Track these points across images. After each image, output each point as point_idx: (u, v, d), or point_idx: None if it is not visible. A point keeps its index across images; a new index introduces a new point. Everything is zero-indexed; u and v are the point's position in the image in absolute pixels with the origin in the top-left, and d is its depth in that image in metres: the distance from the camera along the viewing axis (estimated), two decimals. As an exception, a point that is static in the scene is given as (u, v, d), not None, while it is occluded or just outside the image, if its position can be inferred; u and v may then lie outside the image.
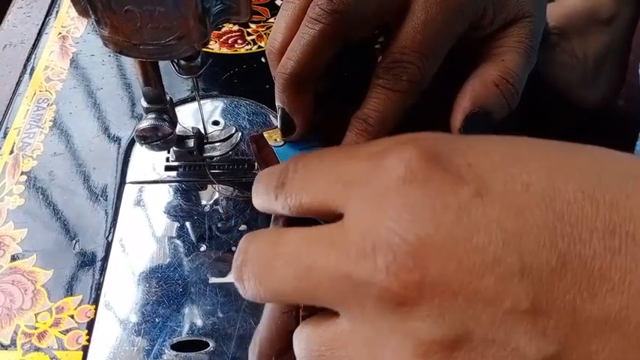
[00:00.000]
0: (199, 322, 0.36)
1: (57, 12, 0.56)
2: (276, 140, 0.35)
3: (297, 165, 0.25)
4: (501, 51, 0.35)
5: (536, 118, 0.76)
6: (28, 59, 0.52)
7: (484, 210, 0.19)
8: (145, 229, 0.41)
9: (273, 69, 0.35)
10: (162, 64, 0.36)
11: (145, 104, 0.38)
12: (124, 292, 0.37)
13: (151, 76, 0.36)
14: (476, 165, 0.20)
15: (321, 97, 0.36)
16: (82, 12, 0.32)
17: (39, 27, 0.55)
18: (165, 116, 0.38)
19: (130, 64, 0.50)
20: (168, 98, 0.38)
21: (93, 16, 0.30)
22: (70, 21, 0.55)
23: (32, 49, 0.53)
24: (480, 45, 0.37)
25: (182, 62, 0.36)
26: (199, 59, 0.36)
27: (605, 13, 0.77)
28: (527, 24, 0.35)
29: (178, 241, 0.40)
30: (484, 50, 0.36)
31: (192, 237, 0.40)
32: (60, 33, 0.54)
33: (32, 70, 0.51)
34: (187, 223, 0.41)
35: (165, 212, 0.42)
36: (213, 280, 0.38)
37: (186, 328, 0.36)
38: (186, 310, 0.36)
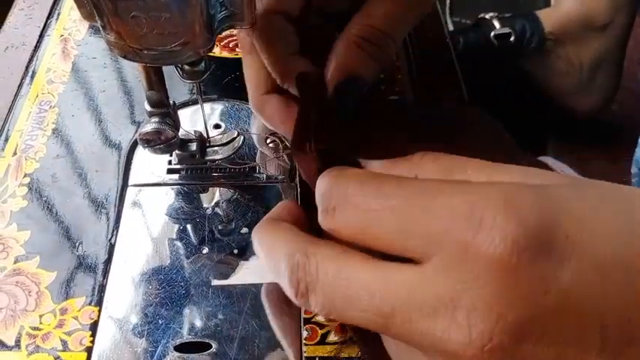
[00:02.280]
0: (202, 324, 0.36)
1: (58, 14, 0.57)
2: None
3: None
4: (372, 1, 0.33)
5: (531, 124, 0.77)
6: (30, 61, 0.52)
7: (585, 289, 0.20)
8: (147, 231, 0.41)
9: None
10: (164, 67, 0.37)
11: (148, 108, 0.38)
12: (127, 294, 0.38)
13: (155, 81, 0.36)
14: (572, 235, 0.21)
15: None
16: (88, 16, 0.33)
17: (40, 29, 0.55)
18: (168, 120, 0.38)
19: (132, 67, 0.51)
20: (171, 102, 0.39)
21: (99, 21, 0.31)
22: (71, 23, 0.56)
23: (34, 51, 0.53)
24: None
25: (186, 67, 0.36)
26: (203, 64, 0.36)
27: (599, 20, 0.78)
28: None
29: (180, 244, 0.40)
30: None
31: (194, 239, 0.41)
32: (62, 35, 0.54)
33: (34, 72, 0.51)
34: (189, 226, 0.42)
35: (167, 215, 0.42)
36: (215, 282, 0.38)
37: (189, 329, 0.36)
38: (189, 312, 0.37)
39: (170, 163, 0.44)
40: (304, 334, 0.36)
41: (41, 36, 0.54)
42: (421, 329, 0.21)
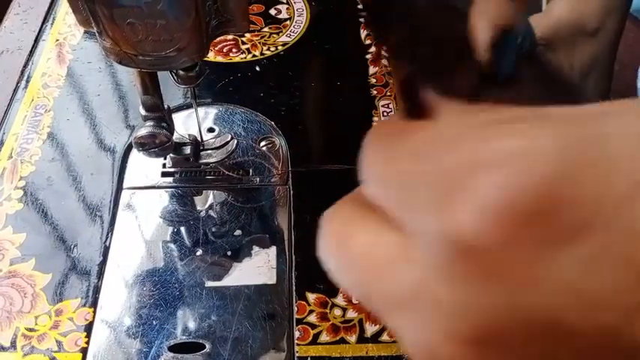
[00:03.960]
0: (196, 325, 0.37)
1: (54, 19, 0.57)
2: None
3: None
4: None
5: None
6: (25, 66, 0.53)
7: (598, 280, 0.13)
8: (141, 233, 0.42)
9: None
10: (159, 72, 0.37)
11: (143, 112, 0.39)
12: (121, 296, 0.38)
13: (150, 86, 0.37)
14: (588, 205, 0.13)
15: None
16: (84, 22, 0.33)
17: (36, 34, 0.56)
18: (163, 124, 0.39)
19: (127, 72, 0.51)
20: (165, 106, 0.39)
21: (95, 28, 0.32)
22: (66, 28, 0.56)
23: (29, 55, 0.54)
24: None
25: (181, 72, 0.37)
26: (197, 69, 0.37)
27: (590, 25, 0.79)
28: None
29: (174, 246, 0.41)
30: None
31: (188, 241, 0.41)
32: (57, 40, 0.55)
33: (29, 76, 0.51)
34: (183, 228, 0.42)
35: (161, 217, 0.43)
36: (209, 283, 0.39)
37: (183, 330, 0.37)
38: (183, 313, 0.37)
39: (164, 166, 0.45)
40: (296, 334, 0.37)
41: (36, 40, 0.55)
42: None
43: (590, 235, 0.14)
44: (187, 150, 0.43)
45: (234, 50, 0.54)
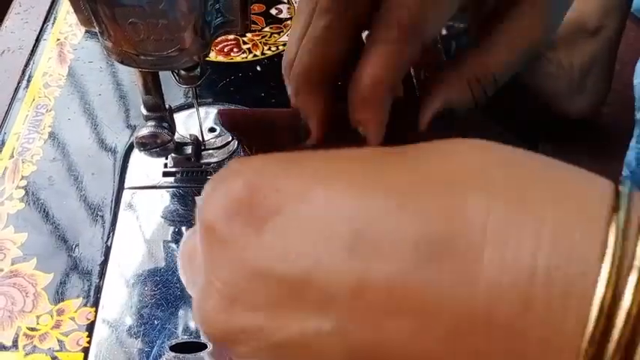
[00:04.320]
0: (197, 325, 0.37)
1: (55, 18, 0.57)
2: None
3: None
4: (495, 41, 0.33)
5: (522, 126, 0.77)
6: (27, 65, 0.53)
7: (286, 242, 0.19)
8: (143, 233, 0.42)
9: (287, 82, 0.34)
10: (161, 72, 0.37)
11: (144, 112, 0.39)
12: (123, 295, 0.38)
13: (151, 86, 0.37)
14: (284, 190, 0.20)
15: None
16: (85, 22, 0.33)
17: (37, 33, 0.56)
18: (164, 124, 0.39)
19: (128, 71, 0.51)
20: (167, 106, 0.39)
21: (97, 27, 0.32)
22: (67, 27, 0.56)
23: (30, 55, 0.54)
24: (482, 25, 0.35)
25: (182, 72, 0.37)
26: (199, 69, 0.37)
27: (591, 24, 0.79)
28: (540, 6, 0.33)
29: (176, 246, 0.41)
30: (482, 34, 0.34)
31: (190, 241, 0.41)
32: (58, 39, 0.55)
33: (30, 76, 0.52)
34: (184, 228, 0.42)
35: (162, 217, 0.43)
36: (210, 283, 0.39)
37: (185, 330, 0.37)
38: (185, 313, 0.37)
39: (166, 166, 0.45)
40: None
41: (37, 40, 0.55)
42: None
43: (283, 210, 0.19)
44: (189, 150, 0.43)
45: (235, 50, 0.54)
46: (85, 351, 0.35)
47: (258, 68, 0.53)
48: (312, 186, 0.20)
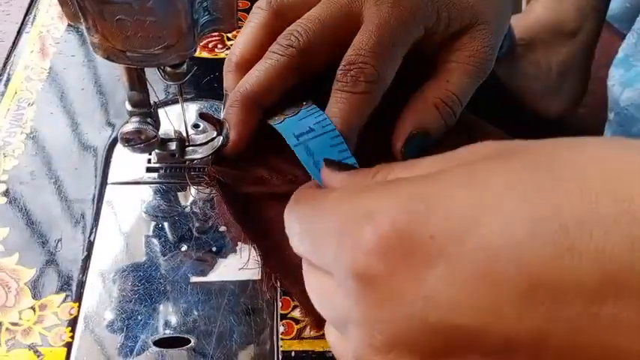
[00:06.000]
0: (180, 320, 0.37)
1: (37, 11, 0.57)
2: (275, 119, 0.37)
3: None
4: (449, 68, 0.37)
5: (501, 126, 0.78)
6: (8, 58, 0.52)
7: (454, 291, 0.18)
8: (126, 229, 0.42)
9: (225, 76, 0.39)
10: (146, 68, 0.37)
11: (129, 108, 0.39)
12: (106, 291, 0.38)
13: (137, 82, 0.37)
14: (439, 235, 0.19)
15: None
16: (71, 17, 0.33)
17: (18, 26, 0.55)
18: (149, 119, 0.39)
19: (111, 65, 0.51)
20: (152, 102, 0.39)
21: (83, 23, 0.32)
22: (50, 20, 0.56)
23: (12, 48, 0.53)
24: (434, 54, 0.38)
25: (168, 69, 0.37)
26: (185, 66, 0.37)
27: (569, 26, 0.80)
28: (481, 33, 0.37)
29: (159, 241, 0.41)
30: (436, 61, 0.38)
31: (173, 237, 0.41)
32: (40, 32, 0.54)
33: (12, 69, 0.51)
34: (168, 224, 0.42)
35: (146, 212, 0.43)
36: (193, 279, 0.39)
37: (168, 325, 0.37)
38: (168, 308, 0.37)
39: (149, 161, 0.45)
40: (280, 329, 0.37)
41: (19, 33, 0.54)
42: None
43: (444, 257, 0.18)
44: (173, 146, 0.43)
45: (219, 46, 0.55)
46: (68, 346, 0.36)
47: (242, 65, 0.53)
48: (470, 227, 0.18)
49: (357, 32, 0.35)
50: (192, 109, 0.50)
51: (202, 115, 0.41)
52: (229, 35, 0.55)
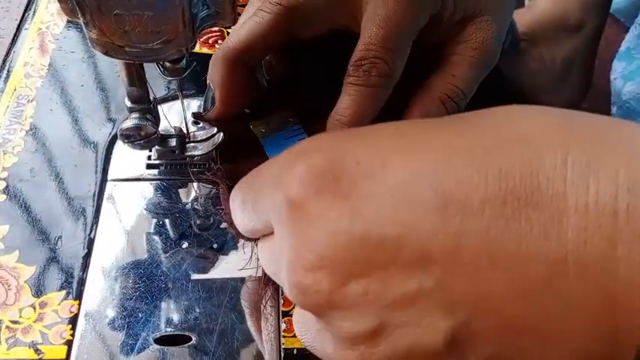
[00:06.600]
0: (182, 317, 0.37)
1: (36, 7, 0.56)
2: (261, 131, 0.37)
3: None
4: (455, 61, 0.37)
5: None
6: (7, 55, 0.52)
7: (377, 207, 0.20)
8: (126, 226, 0.41)
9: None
10: (146, 64, 0.37)
11: (128, 104, 0.38)
12: (106, 288, 0.38)
13: (136, 78, 0.37)
14: (364, 162, 0.21)
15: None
16: (69, 12, 0.33)
17: (18, 22, 0.55)
18: (148, 116, 0.39)
19: (111, 61, 0.51)
20: (152, 98, 0.39)
21: (81, 18, 0.31)
22: (49, 17, 0.55)
23: (11, 45, 0.53)
24: (438, 46, 0.38)
25: (167, 64, 0.37)
26: (184, 61, 0.37)
27: (573, 21, 0.80)
28: (486, 24, 0.37)
29: (160, 238, 0.41)
30: (441, 54, 0.38)
31: (174, 234, 0.41)
32: (39, 29, 0.54)
33: (11, 66, 0.51)
34: (168, 221, 0.42)
35: (146, 209, 0.42)
36: (195, 276, 0.39)
37: (169, 323, 0.37)
38: (169, 306, 0.37)
39: (150, 158, 0.45)
40: (282, 326, 0.37)
41: (18, 29, 0.54)
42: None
43: (368, 178, 0.21)
44: (173, 142, 0.43)
45: (219, 42, 0.54)
46: (69, 344, 0.35)
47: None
48: (391, 155, 0.21)
49: (356, 15, 0.35)
50: (192, 106, 0.49)
51: (195, 115, 0.41)
52: (229, 30, 0.55)
